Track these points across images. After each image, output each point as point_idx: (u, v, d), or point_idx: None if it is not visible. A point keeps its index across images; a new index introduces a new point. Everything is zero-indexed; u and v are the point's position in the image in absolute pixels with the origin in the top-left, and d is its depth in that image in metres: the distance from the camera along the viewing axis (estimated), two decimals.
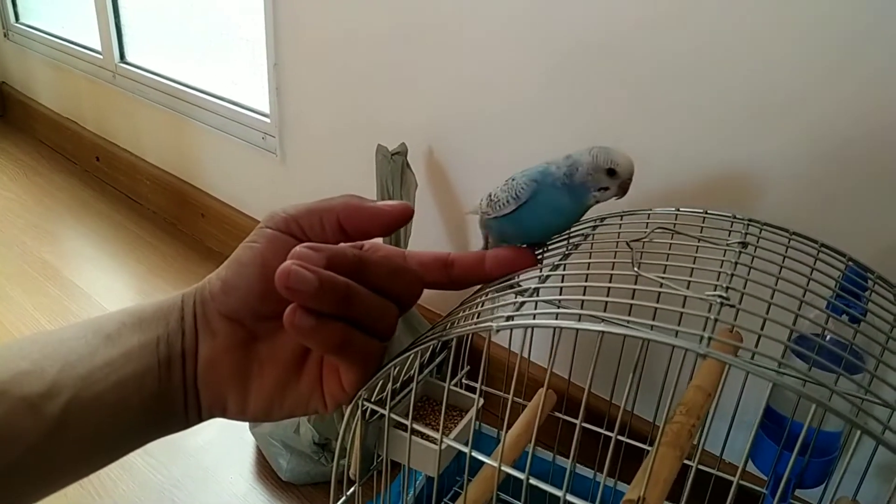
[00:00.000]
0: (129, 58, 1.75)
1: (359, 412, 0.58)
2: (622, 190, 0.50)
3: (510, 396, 0.51)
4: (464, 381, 0.83)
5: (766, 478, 0.70)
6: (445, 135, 1.05)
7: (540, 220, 0.53)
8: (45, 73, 2.07)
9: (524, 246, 0.52)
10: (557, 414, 0.80)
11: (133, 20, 1.72)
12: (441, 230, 1.12)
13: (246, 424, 1.04)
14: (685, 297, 0.47)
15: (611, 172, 0.50)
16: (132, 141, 1.82)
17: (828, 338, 0.64)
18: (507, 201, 0.54)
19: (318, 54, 1.20)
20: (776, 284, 0.52)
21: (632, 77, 0.83)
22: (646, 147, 0.84)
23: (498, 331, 0.45)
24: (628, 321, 0.46)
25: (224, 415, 0.37)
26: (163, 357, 0.34)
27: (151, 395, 0.33)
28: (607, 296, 0.57)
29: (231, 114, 1.44)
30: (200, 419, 0.36)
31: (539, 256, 0.54)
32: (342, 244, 0.36)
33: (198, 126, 1.54)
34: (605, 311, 0.56)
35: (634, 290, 0.47)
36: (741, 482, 0.68)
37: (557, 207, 0.51)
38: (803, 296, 0.54)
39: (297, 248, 0.31)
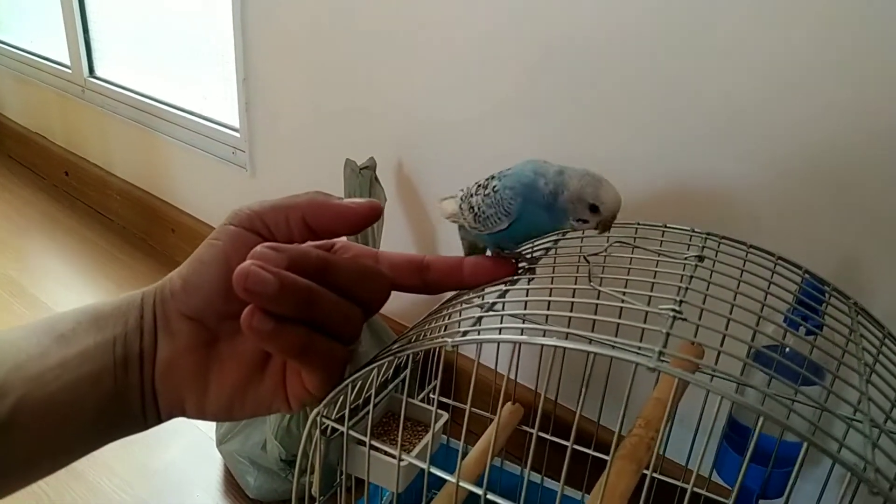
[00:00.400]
0: (98, 72, 1.74)
1: (318, 430, 0.57)
2: (603, 227, 0.49)
3: (468, 407, 0.51)
4: (432, 395, 0.83)
5: (731, 488, 0.71)
6: (414, 148, 1.05)
7: (526, 234, 0.52)
8: (13, 88, 2.05)
9: (503, 254, 0.51)
10: (525, 427, 0.80)
11: (102, 34, 1.70)
12: (410, 243, 1.12)
13: (213, 442, 1.02)
14: (640, 310, 0.47)
15: (593, 209, 0.48)
16: (102, 156, 1.80)
17: (787, 351, 0.65)
18: (499, 217, 0.53)
19: (287, 69, 1.20)
20: (735, 299, 0.53)
21: (598, 90, 0.84)
22: (611, 159, 0.85)
23: (454, 347, 0.45)
24: (589, 338, 0.46)
25: (183, 415, 0.36)
26: (119, 357, 0.33)
27: (107, 395, 0.32)
28: (571, 310, 0.57)
29: (201, 128, 1.43)
30: (160, 420, 0.36)
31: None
32: (307, 244, 0.35)
33: (168, 141, 1.52)
34: (568, 325, 0.56)
35: (596, 304, 0.47)
36: (707, 493, 0.68)
37: (538, 225, 0.50)
38: (761, 310, 0.55)
39: (258, 247, 0.30)
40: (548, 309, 0.58)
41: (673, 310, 0.45)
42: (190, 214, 1.57)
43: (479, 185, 0.55)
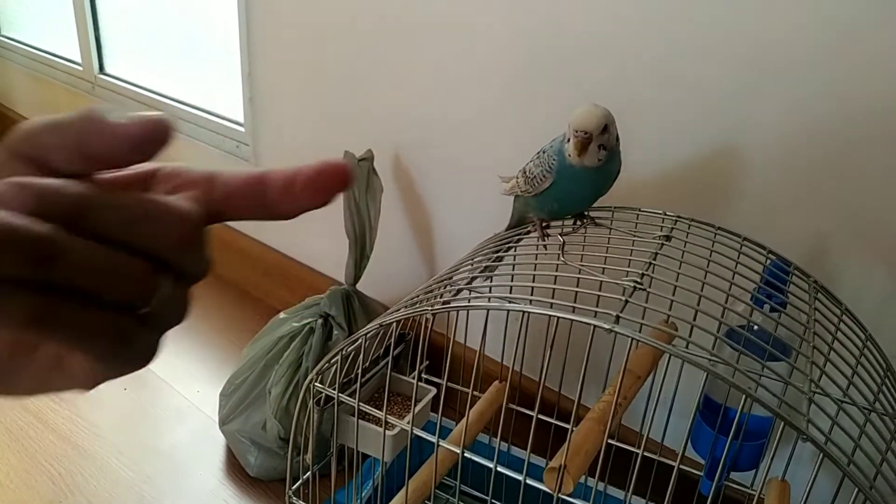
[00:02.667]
0: (108, 69, 1.78)
1: (311, 399, 0.62)
2: (575, 145, 0.51)
3: (444, 383, 0.55)
4: (423, 374, 0.87)
5: (703, 461, 0.74)
6: (410, 141, 1.09)
7: (569, 189, 0.54)
8: (26, 84, 2.10)
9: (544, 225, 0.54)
10: (511, 405, 0.84)
11: (112, 32, 1.75)
12: (407, 230, 1.16)
13: (216, 424, 1.06)
14: (613, 282, 0.51)
15: (570, 127, 0.51)
16: None
17: (755, 328, 0.69)
18: (544, 175, 0.56)
19: (289, 64, 1.24)
20: (705, 277, 0.56)
21: (582, 82, 0.88)
22: None
23: (434, 315, 0.49)
24: (552, 303, 0.50)
25: None
26: None
27: None
28: (554, 282, 0.61)
29: (207, 123, 1.47)
30: None
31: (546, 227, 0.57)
32: (69, 180, 0.25)
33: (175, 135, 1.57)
34: (553, 296, 0.60)
35: (577, 278, 0.51)
36: (681, 467, 0.72)
37: (564, 171, 0.52)
38: (729, 289, 0.58)
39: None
40: (532, 282, 0.62)
41: (634, 281, 0.49)
42: None
43: (534, 155, 0.58)
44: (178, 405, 1.16)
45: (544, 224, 0.59)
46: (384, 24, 1.06)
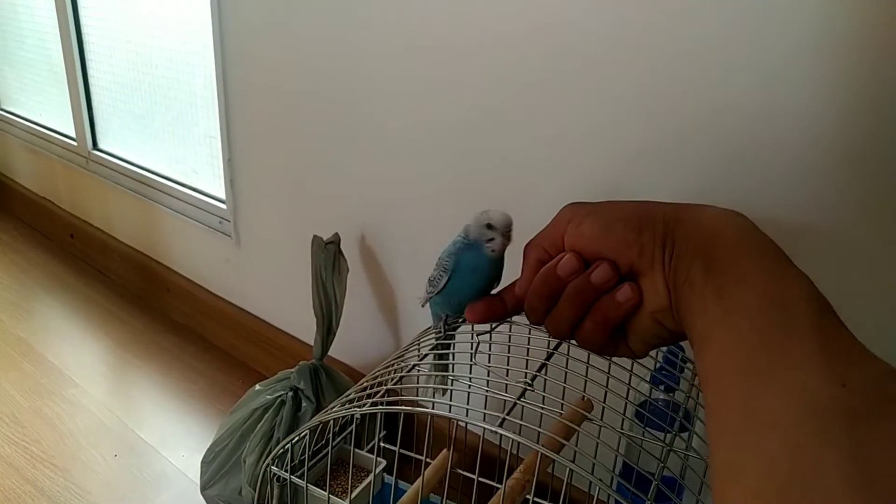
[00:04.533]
0: (101, 145, 1.90)
1: (269, 478, 0.71)
2: (506, 238, 0.64)
3: (397, 449, 0.65)
4: (381, 444, 0.96)
5: None
6: (375, 222, 1.20)
7: (468, 282, 0.66)
8: (23, 156, 2.22)
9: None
10: (459, 470, 0.93)
11: (105, 111, 1.87)
12: (374, 307, 1.26)
13: (198, 489, 1.15)
14: (511, 383, 0.61)
15: (490, 226, 0.64)
16: (104, 220, 1.95)
17: (659, 402, 0.79)
18: (440, 276, 0.67)
19: (266, 151, 1.35)
20: (609, 369, 0.66)
21: (503, 175, 0.99)
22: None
23: (360, 416, 0.59)
24: (450, 405, 0.60)
25: None
26: None
27: None
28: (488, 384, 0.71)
29: (191, 200, 1.58)
30: None
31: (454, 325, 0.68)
32: None
33: (162, 210, 1.68)
34: (486, 405, 0.69)
35: (519, 382, 0.61)
36: None
37: (473, 266, 0.64)
38: (632, 367, 0.69)
39: None
40: (452, 384, 0.72)
41: (526, 383, 0.59)
42: (183, 276, 1.71)
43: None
44: (164, 470, 1.25)
45: (448, 319, 0.70)
46: (350, 118, 1.17)
